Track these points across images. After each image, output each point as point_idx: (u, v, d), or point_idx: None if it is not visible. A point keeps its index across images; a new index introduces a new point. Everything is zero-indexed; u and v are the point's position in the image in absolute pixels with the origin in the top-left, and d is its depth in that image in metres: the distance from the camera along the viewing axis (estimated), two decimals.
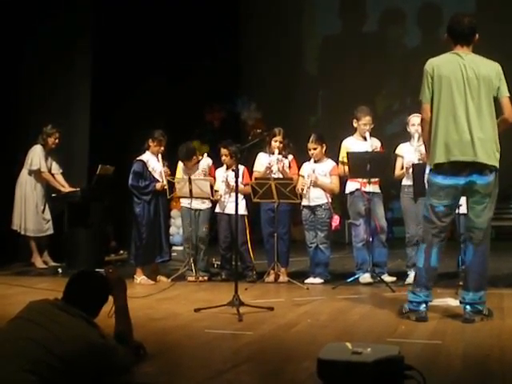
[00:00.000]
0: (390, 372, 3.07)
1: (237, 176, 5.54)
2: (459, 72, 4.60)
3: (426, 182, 4.92)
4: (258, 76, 12.40)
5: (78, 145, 9.13)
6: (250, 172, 7.18)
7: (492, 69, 4.64)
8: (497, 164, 4.64)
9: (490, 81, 4.60)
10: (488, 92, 4.60)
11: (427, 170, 4.87)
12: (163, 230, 7.18)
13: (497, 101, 4.64)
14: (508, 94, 4.66)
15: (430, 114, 4.67)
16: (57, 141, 8.30)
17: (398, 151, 6.77)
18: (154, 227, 7.06)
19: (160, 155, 7.09)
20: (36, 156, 8.19)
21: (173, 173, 7.23)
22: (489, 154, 4.58)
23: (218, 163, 7.36)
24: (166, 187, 7.00)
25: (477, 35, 4.69)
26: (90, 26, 9.16)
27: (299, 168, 7.05)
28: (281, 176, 6.86)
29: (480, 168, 4.56)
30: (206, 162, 7.33)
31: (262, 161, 7.06)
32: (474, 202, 4.67)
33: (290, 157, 7.06)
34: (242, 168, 7.07)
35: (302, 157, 7.11)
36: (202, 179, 7.04)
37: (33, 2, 8.62)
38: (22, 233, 8.23)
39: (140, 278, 6.98)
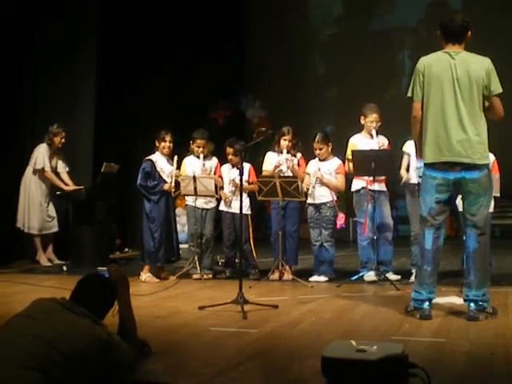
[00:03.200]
0: (394, 370, 3.07)
1: (241, 174, 5.54)
2: (449, 71, 4.63)
3: (417, 177, 4.92)
4: (262, 74, 12.40)
5: (83, 143, 9.13)
6: (257, 170, 7.18)
7: (482, 67, 4.64)
8: (487, 162, 4.68)
9: (480, 79, 4.61)
10: (478, 91, 4.62)
11: (418, 165, 4.90)
12: (172, 231, 7.20)
13: (487, 99, 4.65)
14: (498, 92, 4.65)
15: (421, 112, 4.71)
16: (63, 140, 8.31)
17: (404, 148, 6.75)
18: (166, 226, 7.08)
19: (176, 157, 7.08)
20: (40, 155, 8.21)
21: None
22: (479, 153, 4.61)
23: (222, 161, 7.36)
24: (173, 189, 7.02)
25: (469, 33, 4.71)
26: (95, 24, 9.16)
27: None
28: (291, 175, 6.86)
29: (470, 167, 4.59)
30: (212, 162, 7.32)
31: (271, 160, 7.05)
32: (468, 201, 4.70)
33: (299, 155, 7.06)
34: (248, 166, 7.08)
35: (307, 155, 7.11)
36: (206, 177, 7.04)
37: (39, 2, 8.63)
38: (26, 231, 8.25)
39: (146, 275, 6.99)
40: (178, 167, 7.18)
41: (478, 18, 10.89)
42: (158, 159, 7.15)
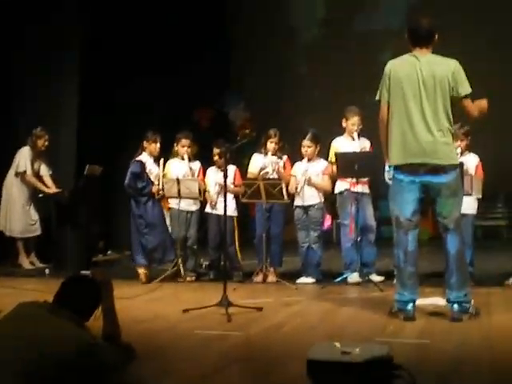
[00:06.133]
0: (379, 372, 3.08)
1: (225, 176, 5.53)
2: (415, 75, 4.67)
3: (387, 179, 4.96)
4: (247, 76, 12.38)
5: (66, 145, 9.09)
6: (242, 173, 7.18)
7: (448, 69, 4.68)
8: (454, 162, 4.73)
9: (446, 81, 4.65)
10: (444, 93, 4.66)
11: (386, 168, 4.94)
12: (166, 231, 7.19)
13: (456, 101, 4.69)
14: (467, 93, 4.68)
15: (387, 114, 4.75)
16: (46, 143, 8.25)
17: None
18: (156, 226, 7.07)
19: (162, 160, 7.07)
20: (23, 158, 8.16)
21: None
22: (444, 154, 4.64)
23: (206, 162, 7.36)
24: (160, 192, 7.01)
25: (436, 36, 4.76)
26: (78, 24, 9.12)
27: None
28: (276, 177, 6.86)
29: (435, 168, 4.63)
30: (195, 165, 7.31)
31: (257, 162, 7.06)
32: (438, 204, 4.73)
33: (285, 157, 7.07)
34: (233, 168, 7.08)
35: (292, 157, 7.12)
36: (190, 179, 7.03)
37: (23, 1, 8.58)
38: (8, 234, 8.19)
39: (140, 271, 7.00)
40: (164, 169, 7.17)
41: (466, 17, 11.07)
42: (147, 161, 7.14)
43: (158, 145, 7.14)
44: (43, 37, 8.80)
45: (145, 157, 7.16)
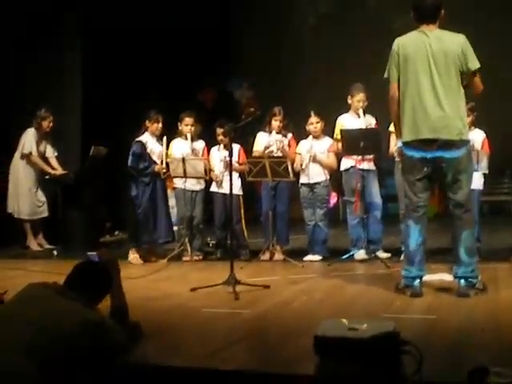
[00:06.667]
0: (386, 347, 3.09)
1: (231, 155, 5.53)
2: (424, 50, 4.65)
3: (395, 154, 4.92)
4: (250, 54, 12.29)
5: (71, 127, 9.10)
6: (247, 151, 7.17)
7: (458, 44, 4.65)
8: (466, 137, 4.70)
9: (456, 56, 4.63)
10: (455, 67, 4.63)
11: (399, 144, 4.91)
12: (163, 212, 7.18)
13: (465, 75, 4.66)
14: (476, 68, 4.66)
15: (398, 92, 4.73)
16: (51, 124, 8.25)
17: (391, 128, 6.76)
18: (150, 209, 7.08)
19: (165, 138, 7.07)
20: (28, 140, 8.17)
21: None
22: (456, 129, 4.62)
23: (211, 143, 7.36)
24: (164, 170, 7.01)
25: (442, 11, 4.71)
26: (81, 17, 9.10)
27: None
28: (281, 155, 6.85)
29: (447, 144, 4.60)
30: (199, 144, 7.31)
31: (262, 140, 7.05)
32: (448, 180, 4.70)
33: (290, 135, 7.06)
34: (237, 147, 7.07)
35: (297, 136, 7.10)
36: (195, 159, 7.03)
37: None
38: (16, 216, 8.22)
39: (132, 256, 7.01)
40: (167, 148, 7.17)
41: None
42: (148, 140, 7.14)
43: (160, 124, 7.14)
44: (46, 24, 8.77)
45: (146, 137, 7.15)
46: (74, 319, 2.99)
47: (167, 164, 7.04)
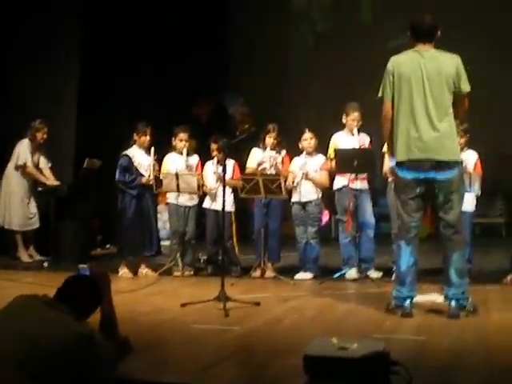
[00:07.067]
0: (376, 367, 3.08)
1: (224, 171, 5.54)
2: (419, 70, 4.69)
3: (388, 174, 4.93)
4: (246, 70, 12.33)
5: (65, 138, 9.09)
6: (241, 165, 7.18)
7: (452, 65, 4.70)
8: (458, 158, 4.74)
9: (450, 76, 4.67)
10: (449, 87, 4.68)
11: (391, 164, 4.93)
12: (149, 225, 7.16)
13: (456, 96, 4.70)
14: (467, 91, 4.71)
15: (392, 111, 4.76)
16: (45, 136, 8.25)
17: (385, 148, 6.78)
18: (138, 222, 7.05)
19: (153, 148, 7.04)
20: (22, 151, 8.16)
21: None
22: (449, 150, 4.66)
23: (205, 158, 7.35)
24: (151, 182, 6.98)
25: (438, 32, 4.77)
26: (77, 16, 9.11)
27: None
28: (274, 172, 6.86)
29: (439, 165, 4.63)
30: (193, 159, 7.31)
31: (256, 156, 7.06)
32: (440, 201, 4.72)
33: (283, 152, 7.07)
34: (231, 163, 7.08)
35: (290, 152, 7.12)
36: (189, 174, 7.03)
37: None
38: (7, 227, 8.20)
39: (122, 271, 6.99)
40: (158, 160, 7.14)
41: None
42: (135, 153, 7.11)
43: (148, 137, 7.08)
44: (43, 28, 8.79)
45: (134, 150, 7.12)
46: (63, 332, 2.98)
47: (157, 178, 7.01)
